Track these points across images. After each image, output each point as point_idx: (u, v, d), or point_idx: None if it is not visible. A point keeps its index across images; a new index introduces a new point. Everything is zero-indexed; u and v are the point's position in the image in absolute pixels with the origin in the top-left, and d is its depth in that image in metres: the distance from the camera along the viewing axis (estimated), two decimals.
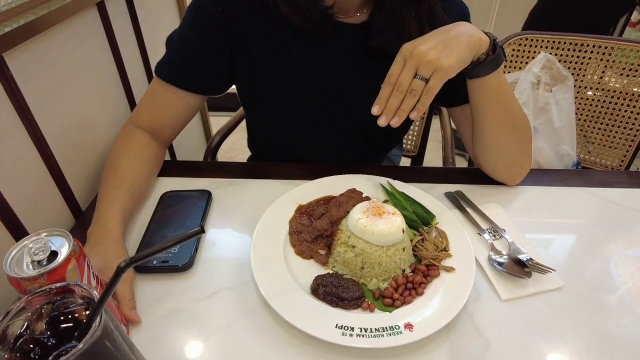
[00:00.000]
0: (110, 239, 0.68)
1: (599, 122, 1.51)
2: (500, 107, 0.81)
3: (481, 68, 0.75)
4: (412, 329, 0.59)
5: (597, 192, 0.89)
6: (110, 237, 0.69)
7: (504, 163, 0.88)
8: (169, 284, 0.68)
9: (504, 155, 0.87)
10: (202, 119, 1.66)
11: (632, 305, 0.66)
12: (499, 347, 0.60)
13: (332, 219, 0.72)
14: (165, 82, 0.85)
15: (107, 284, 0.38)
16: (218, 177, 0.91)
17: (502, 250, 0.73)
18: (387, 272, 0.67)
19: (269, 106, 0.92)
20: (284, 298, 0.63)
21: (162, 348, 0.59)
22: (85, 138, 0.89)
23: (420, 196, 0.82)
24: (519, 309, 0.66)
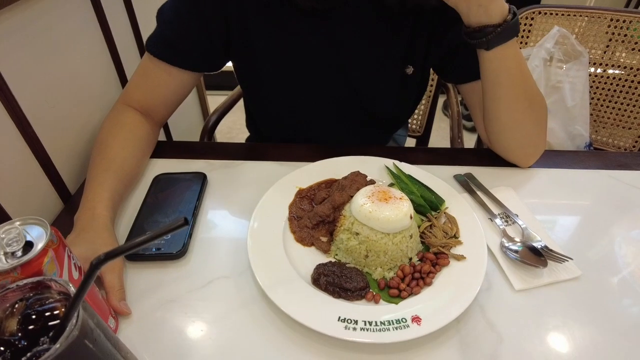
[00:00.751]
0: (98, 225, 0.64)
1: (613, 101, 1.45)
2: (515, 81, 0.75)
3: (498, 36, 0.69)
4: (419, 322, 0.55)
5: (616, 174, 0.84)
6: (98, 223, 0.64)
7: (518, 143, 0.83)
8: (161, 272, 0.64)
9: (519, 134, 0.81)
10: (199, 98, 1.60)
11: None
12: (513, 342, 0.56)
13: (335, 203, 0.68)
14: (156, 58, 0.79)
15: (81, 282, 0.34)
16: (214, 159, 0.86)
17: (515, 237, 0.69)
18: (393, 261, 0.63)
19: (269, 84, 0.87)
20: (283, 288, 0.59)
21: (153, 342, 0.56)
22: (73, 117, 0.84)
23: (428, 179, 0.77)
24: (533, 300, 0.61)
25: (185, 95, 0.88)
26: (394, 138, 1.20)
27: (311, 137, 0.93)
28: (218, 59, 0.85)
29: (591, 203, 0.79)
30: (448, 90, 1.39)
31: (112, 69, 0.99)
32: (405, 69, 0.85)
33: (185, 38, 0.78)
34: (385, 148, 1.03)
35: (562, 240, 0.70)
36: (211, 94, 1.66)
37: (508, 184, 0.82)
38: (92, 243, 0.61)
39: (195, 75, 0.85)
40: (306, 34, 0.80)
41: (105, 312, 0.55)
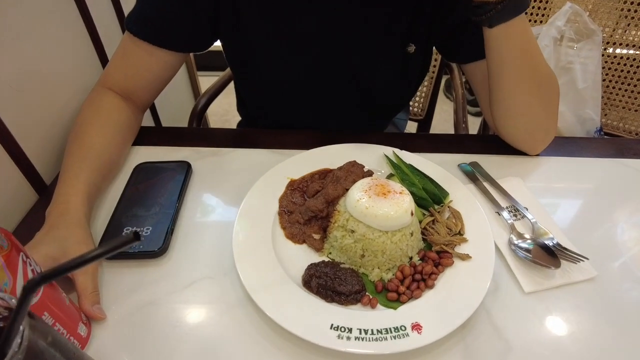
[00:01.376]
0: (70, 220, 0.59)
1: (626, 82, 1.38)
2: (522, 61, 0.69)
3: (501, 13, 0.63)
4: (420, 331, 0.50)
5: (634, 164, 0.78)
6: (70, 218, 0.59)
7: (526, 128, 0.77)
8: (139, 272, 0.59)
9: (527, 118, 0.75)
10: (189, 79, 1.53)
11: None
12: (522, 350, 0.51)
13: (328, 197, 0.62)
14: (136, 38, 0.73)
15: (16, 306, 0.28)
16: (200, 146, 0.80)
17: (525, 233, 0.64)
18: (391, 261, 0.57)
19: (260, 66, 0.80)
20: (271, 291, 0.54)
21: (130, 349, 0.51)
22: (46, 102, 0.77)
23: (430, 169, 0.71)
24: (545, 303, 0.56)
25: (170, 77, 0.82)
26: (394, 122, 1.13)
27: (304, 122, 0.87)
28: (204, 38, 0.78)
29: (607, 195, 0.73)
30: (452, 71, 1.31)
31: (90, 48, 0.92)
32: (407, 47, 0.78)
33: (167, 15, 0.71)
34: (385, 134, 0.97)
35: (576, 236, 0.65)
36: (203, 75, 1.58)
37: (517, 173, 0.76)
38: (63, 241, 0.56)
39: (179, 56, 0.78)
40: (297, 11, 0.73)
41: (74, 318, 0.50)
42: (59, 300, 0.47)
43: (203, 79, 1.59)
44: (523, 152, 0.80)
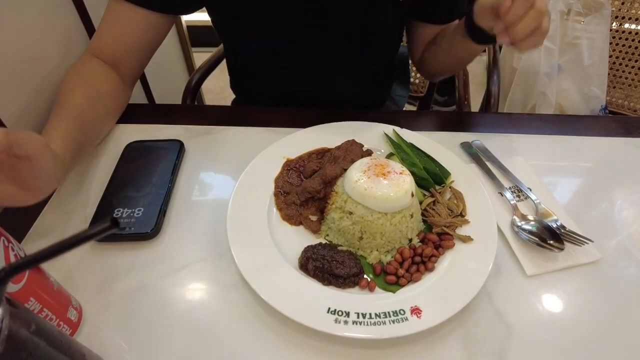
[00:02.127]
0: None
1: (633, 59, 1.34)
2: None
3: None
4: (419, 315, 0.48)
5: (638, 142, 0.76)
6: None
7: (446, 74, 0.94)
8: (131, 255, 0.57)
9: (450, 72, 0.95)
10: (184, 56, 1.48)
11: None
12: (523, 333, 0.50)
13: (326, 178, 0.60)
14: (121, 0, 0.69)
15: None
16: (193, 124, 0.77)
17: (528, 214, 0.62)
18: (390, 243, 0.56)
19: (247, 29, 0.77)
20: (266, 274, 0.52)
21: (122, 333, 0.50)
22: (28, 75, 0.74)
23: (432, 148, 0.69)
24: (547, 286, 0.55)
25: (156, 42, 0.78)
26: (394, 99, 1.10)
27: (296, 82, 0.85)
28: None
29: (612, 175, 0.71)
30: None
31: (75, 17, 0.87)
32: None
33: None
34: (385, 112, 0.94)
35: (580, 217, 0.63)
36: (197, 51, 1.54)
37: (520, 152, 0.74)
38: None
39: (165, 18, 0.75)
40: None
41: (63, 303, 0.48)
42: (46, 285, 0.45)
43: (197, 55, 1.54)
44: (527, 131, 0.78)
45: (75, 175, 0.69)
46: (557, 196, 0.66)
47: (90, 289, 0.54)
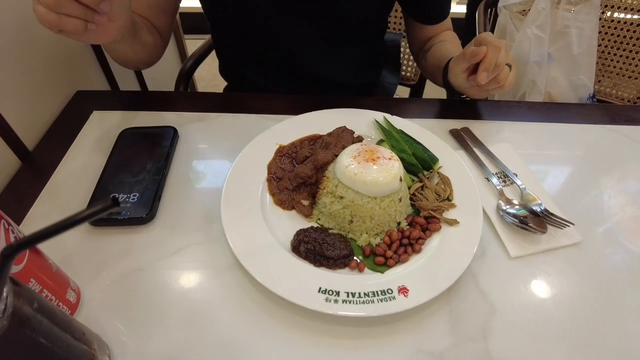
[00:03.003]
0: None
1: (622, 48, 1.36)
2: None
3: None
4: (406, 294, 0.50)
5: (624, 130, 0.78)
6: None
7: None
8: (126, 239, 0.59)
9: None
10: (176, 42, 1.47)
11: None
12: (506, 312, 0.53)
13: (317, 163, 0.61)
14: None
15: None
16: (186, 111, 0.78)
17: (514, 199, 0.64)
18: (379, 226, 0.58)
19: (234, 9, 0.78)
20: (260, 256, 0.54)
21: (120, 314, 0.52)
22: (23, 65, 0.74)
23: (421, 134, 0.70)
24: (530, 267, 0.57)
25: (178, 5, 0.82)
26: (385, 86, 1.11)
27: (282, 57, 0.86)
28: None
29: (596, 162, 0.73)
30: None
31: None
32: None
33: None
34: (376, 99, 0.95)
35: (564, 202, 0.65)
36: (190, 38, 1.53)
37: (507, 139, 0.75)
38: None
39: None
40: None
41: (62, 285, 0.50)
42: (45, 267, 0.46)
43: (190, 42, 1.54)
44: (515, 118, 0.79)
45: (70, 162, 0.70)
46: (541, 181, 0.68)
47: (88, 272, 0.55)
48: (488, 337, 0.50)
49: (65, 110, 0.81)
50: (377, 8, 0.83)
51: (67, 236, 0.58)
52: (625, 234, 0.62)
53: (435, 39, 0.90)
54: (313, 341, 0.49)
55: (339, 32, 0.83)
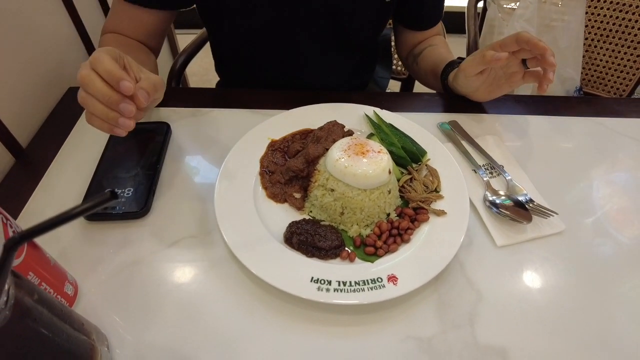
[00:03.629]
0: None
1: (607, 41, 1.38)
2: None
3: None
4: (396, 282, 0.52)
5: (608, 122, 0.80)
6: None
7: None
8: (122, 233, 0.60)
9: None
10: (167, 39, 1.47)
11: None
12: (492, 299, 0.55)
13: (309, 157, 0.63)
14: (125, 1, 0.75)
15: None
16: (179, 106, 0.79)
17: (500, 190, 0.66)
18: (369, 218, 0.59)
19: (233, 16, 0.80)
20: (253, 248, 0.55)
21: (117, 307, 0.53)
22: (17, 62, 0.74)
23: (410, 128, 0.72)
24: (515, 256, 0.59)
25: (168, 26, 0.85)
26: (376, 81, 1.13)
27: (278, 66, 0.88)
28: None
29: (582, 154, 0.75)
30: None
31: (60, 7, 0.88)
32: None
33: None
34: (366, 94, 0.97)
35: (548, 192, 0.67)
36: (181, 33, 1.53)
37: (495, 131, 0.77)
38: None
39: (171, 12, 0.81)
40: None
41: (60, 278, 0.51)
42: (43, 260, 0.47)
43: (181, 37, 1.54)
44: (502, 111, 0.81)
45: (64, 158, 0.70)
46: (527, 173, 0.70)
47: (85, 266, 0.56)
48: (475, 323, 0.52)
49: (58, 107, 0.81)
50: (374, 19, 0.85)
51: (63, 231, 0.60)
52: (609, 224, 0.64)
53: (425, 43, 0.92)
54: (306, 329, 0.51)
55: (337, 40, 0.85)
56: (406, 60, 0.99)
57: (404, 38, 0.96)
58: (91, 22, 0.96)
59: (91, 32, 0.96)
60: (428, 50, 0.90)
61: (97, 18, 1.02)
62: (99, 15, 1.04)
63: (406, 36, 0.95)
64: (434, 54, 0.88)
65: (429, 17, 0.91)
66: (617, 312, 0.54)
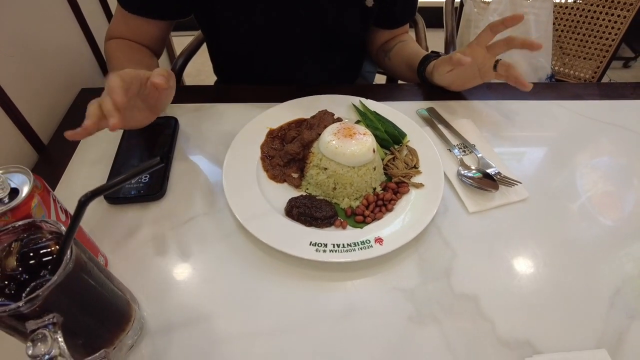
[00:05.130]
0: None
1: (576, 32, 1.49)
2: None
3: None
4: (382, 243, 0.61)
5: (568, 105, 0.90)
6: None
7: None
8: (142, 213, 0.68)
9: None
10: None
11: (591, 212, 0.70)
12: (465, 256, 0.64)
13: (304, 142, 0.72)
14: (127, 12, 0.82)
15: (71, 218, 0.38)
16: (183, 103, 0.87)
17: (471, 165, 0.75)
18: (358, 191, 0.68)
19: (228, 24, 0.87)
20: (259, 221, 0.64)
21: (141, 276, 0.61)
22: (36, 67, 0.82)
23: (392, 114, 0.81)
24: (485, 220, 0.69)
25: (168, 32, 0.92)
26: (363, 75, 1.22)
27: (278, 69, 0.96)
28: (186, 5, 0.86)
29: (544, 132, 0.85)
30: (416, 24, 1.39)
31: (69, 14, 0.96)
32: (365, 1, 0.86)
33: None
34: (353, 86, 1.06)
35: (515, 167, 0.77)
36: (177, 35, 1.60)
37: (468, 115, 0.87)
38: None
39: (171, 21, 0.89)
40: None
41: (94, 250, 0.59)
42: (83, 233, 0.56)
43: (176, 39, 1.61)
44: (475, 97, 0.91)
45: (83, 153, 0.78)
46: (496, 149, 0.80)
47: (111, 242, 0.64)
48: (450, 275, 0.62)
49: (73, 107, 0.89)
50: (358, 22, 0.92)
51: (89, 214, 0.66)
52: (564, 192, 0.74)
53: (395, 40, 1.01)
54: (307, 285, 0.60)
55: (326, 42, 0.93)
56: (376, 55, 1.07)
57: (375, 36, 1.04)
58: (97, 29, 1.04)
59: (97, 37, 1.04)
60: (399, 47, 0.99)
61: (102, 24, 1.10)
62: (103, 21, 1.11)
63: (377, 34, 1.03)
64: (406, 49, 0.97)
65: (402, 17, 0.99)
66: (567, 260, 0.64)
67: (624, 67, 2.79)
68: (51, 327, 0.38)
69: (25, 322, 0.38)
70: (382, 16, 0.95)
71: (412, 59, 0.93)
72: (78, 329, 0.44)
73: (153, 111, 0.69)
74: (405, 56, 0.96)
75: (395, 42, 1.01)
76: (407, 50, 0.97)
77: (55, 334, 0.38)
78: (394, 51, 1.00)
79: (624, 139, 0.83)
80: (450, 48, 1.36)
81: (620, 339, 0.55)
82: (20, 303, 0.37)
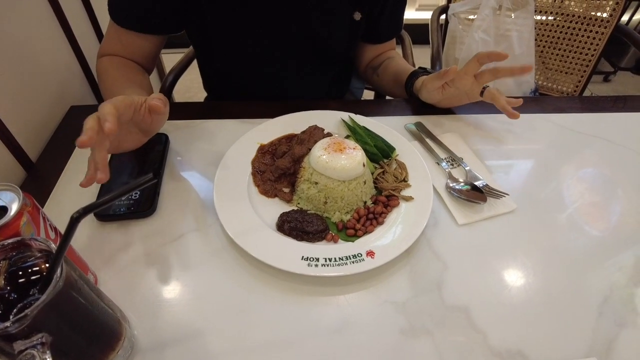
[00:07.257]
0: None
1: (557, 47, 1.53)
2: None
3: None
4: (373, 256, 0.62)
5: (552, 118, 0.93)
6: None
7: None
8: (133, 230, 0.68)
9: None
10: None
11: (578, 222, 0.72)
12: (456, 268, 0.64)
13: (295, 156, 0.72)
14: (119, 26, 0.83)
15: (63, 236, 0.37)
16: (174, 119, 0.87)
17: (460, 178, 0.76)
18: (349, 205, 0.69)
19: (220, 40, 0.89)
20: (251, 236, 0.64)
21: (132, 293, 0.60)
22: (26, 84, 0.82)
23: (381, 129, 0.82)
24: (475, 232, 0.70)
25: (160, 48, 0.92)
26: (351, 91, 1.24)
27: (268, 84, 0.97)
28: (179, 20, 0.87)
29: (530, 145, 0.87)
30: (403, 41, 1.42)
31: (59, 32, 0.96)
32: (353, 15, 0.89)
33: (144, 5, 0.81)
34: (342, 102, 1.07)
35: (503, 179, 0.78)
36: (166, 53, 1.61)
37: (455, 129, 0.88)
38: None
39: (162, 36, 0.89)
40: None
41: (83, 267, 0.58)
42: (73, 251, 0.55)
43: (166, 57, 1.63)
44: (462, 112, 0.93)
45: (72, 171, 0.77)
46: (483, 162, 0.81)
47: (100, 259, 0.63)
48: (442, 288, 0.62)
49: (62, 124, 0.89)
50: (347, 36, 0.94)
51: (79, 231, 0.65)
52: (553, 202, 0.75)
53: (383, 57, 1.04)
54: (299, 300, 0.60)
55: (316, 58, 0.95)
56: (365, 73, 1.09)
57: (363, 52, 1.06)
58: (87, 47, 1.05)
59: (87, 55, 1.04)
60: (387, 63, 1.01)
61: (92, 41, 1.10)
62: (93, 39, 1.12)
63: (365, 50, 1.05)
64: (393, 65, 0.99)
65: (388, 32, 1.02)
66: (556, 270, 0.65)
67: (604, 81, 2.88)
68: (40, 347, 0.38)
69: (12, 342, 0.37)
70: (369, 31, 0.98)
71: (399, 75, 0.95)
72: (67, 348, 0.44)
73: (145, 134, 0.69)
74: (393, 72, 0.98)
75: (383, 58, 1.03)
76: (395, 66, 0.99)
77: (44, 354, 0.37)
78: (382, 67, 1.02)
79: (606, 151, 0.86)
80: (437, 64, 1.39)
81: (609, 347, 0.56)
82: (7, 323, 0.36)
